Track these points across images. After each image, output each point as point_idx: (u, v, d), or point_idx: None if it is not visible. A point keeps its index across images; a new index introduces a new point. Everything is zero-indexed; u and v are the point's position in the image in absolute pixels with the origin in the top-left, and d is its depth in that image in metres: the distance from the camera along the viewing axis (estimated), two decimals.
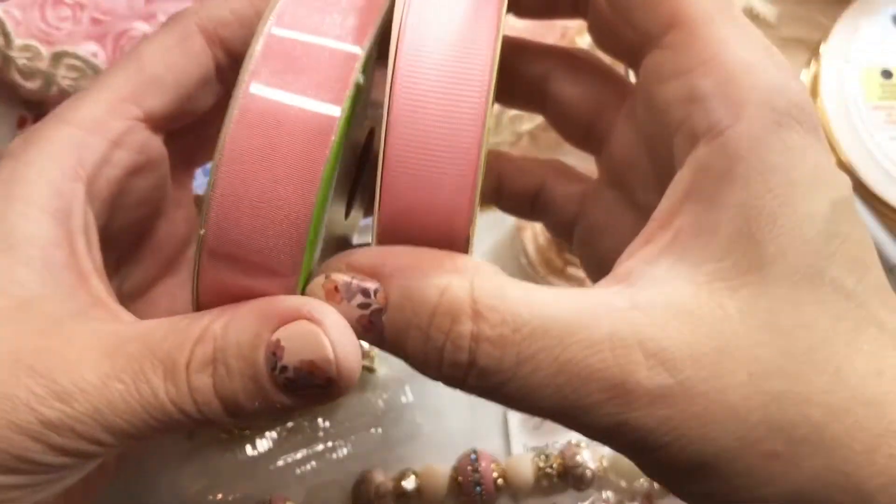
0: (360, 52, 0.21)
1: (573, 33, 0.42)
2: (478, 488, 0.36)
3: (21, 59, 0.39)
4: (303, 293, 0.21)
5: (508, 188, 0.30)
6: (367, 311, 0.20)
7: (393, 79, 0.21)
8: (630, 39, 0.23)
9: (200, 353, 0.20)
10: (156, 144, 0.26)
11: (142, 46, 0.25)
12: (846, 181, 0.21)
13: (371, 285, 0.20)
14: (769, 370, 0.19)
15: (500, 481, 0.36)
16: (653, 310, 0.20)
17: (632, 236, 0.22)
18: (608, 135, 0.27)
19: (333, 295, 0.21)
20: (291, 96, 0.20)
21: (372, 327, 0.20)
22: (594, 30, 0.26)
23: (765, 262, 0.20)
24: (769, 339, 0.19)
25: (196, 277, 0.21)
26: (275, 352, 0.20)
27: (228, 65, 0.25)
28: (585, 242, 0.28)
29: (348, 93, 0.20)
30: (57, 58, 0.39)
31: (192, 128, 0.27)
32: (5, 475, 0.20)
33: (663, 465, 0.20)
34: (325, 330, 0.20)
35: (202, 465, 0.37)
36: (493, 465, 0.36)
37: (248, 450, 0.37)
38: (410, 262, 0.21)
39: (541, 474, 0.36)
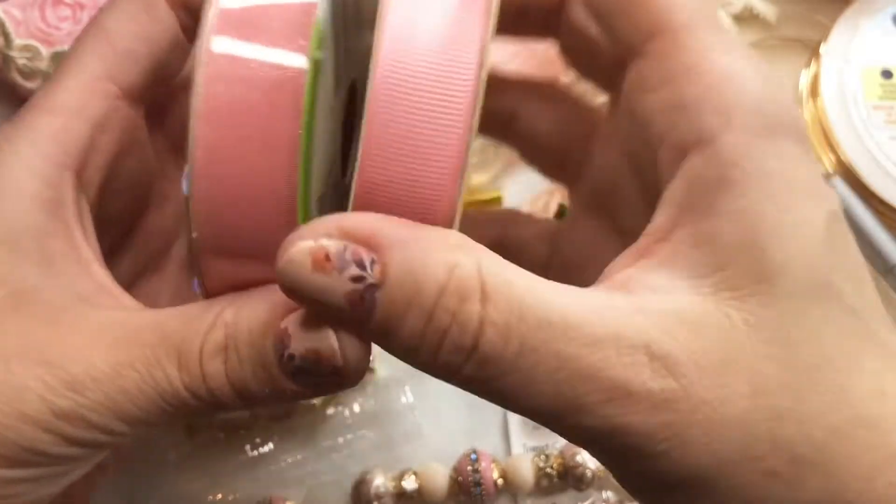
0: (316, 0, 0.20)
1: None
2: (477, 488, 0.36)
3: (21, 58, 0.39)
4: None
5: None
6: (360, 286, 0.18)
7: (378, 39, 0.19)
8: (607, 56, 0.23)
9: (213, 340, 0.20)
10: (139, 123, 0.25)
11: (105, 19, 0.24)
12: (835, 195, 0.21)
13: (367, 256, 0.18)
14: (772, 386, 0.19)
15: (499, 481, 0.36)
16: (658, 315, 0.19)
17: None
18: (584, 163, 0.26)
19: (323, 264, 0.18)
20: (253, 60, 0.19)
21: (361, 304, 0.18)
22: (567, 51, 0.25)
23: (773, 272, 0.19)
24: (775, 353, 0.19)
25: (199, 272, 0.21)
26: (283, 340, 0.20)
27: (192, 25, 0.24)
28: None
29: (312, 42, 0.19)
30: (56, 58, 0.39)
31: (173, 112, 0.27)
32: (14, 469, 0.20)
33: (655, 477, 0.19)
34: None
35: (202, 465, 0.37)
36: (493, 465, 0.36)
37: (248, 450, 0.37)
38: (413, 234, 0.19)
39: (541, 474, 0.36)
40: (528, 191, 0.42)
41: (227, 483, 0.37)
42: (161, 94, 0.26)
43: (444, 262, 0.18)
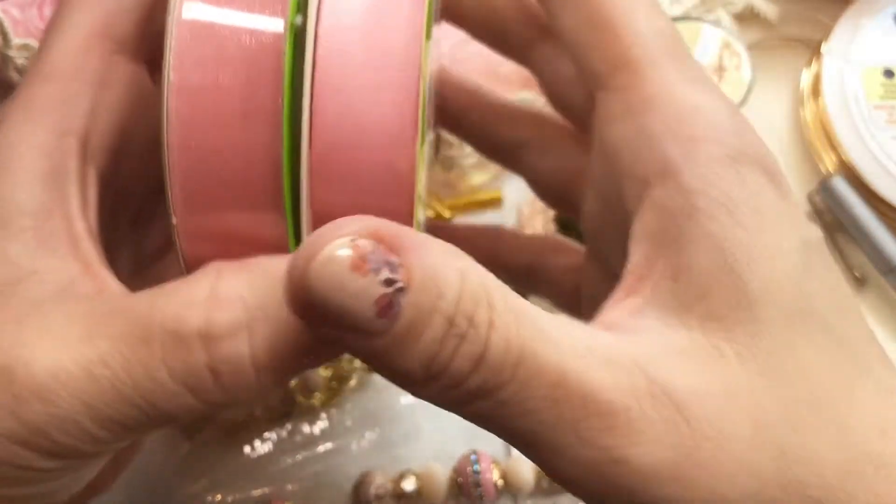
0: None
1: None
2: (478, 489, 0.36)
3: (19, 58, 0.39)
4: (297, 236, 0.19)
5: (504, 264, 0.29)
6: (389, 290, 0.17)
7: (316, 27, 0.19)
8: (579, 95, 0.23)
9: (226, 319, 0.18)
10: (144, 78, 0.23)
11: None
12: (813, 226, 0.20)
13: (394, 258, 0.17)
14: (774, 420, 0.17)
15: (500, 482, 0.36)
16: (649, 347, 0.18)
17: None
18: (580, 204, 0.26)
19: (360, 265, 0.17)
20: (230, 19, 0.19)
21: (388, 311, 0.17)
22: (544, 86, 0.25)
23: (752, 298, 0.18)
24: (770, 386, 0.18)
25: (181, 257, 0.20)
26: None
27: None
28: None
29: (291, 6, 0.19)
30: None
31: None
32: (6, 488, 0.19)
33: None
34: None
35: (202, 465, 0.37)
36: (493, 466, 0.36)
37: (248, 450, 0.37)
38: (422, 239, 0.17)
39: (541, 475, 0.36)
40: (528, 190, 0.42)
41: (226, 483, 0.37)
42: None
43: (456, 267, 0.17)
